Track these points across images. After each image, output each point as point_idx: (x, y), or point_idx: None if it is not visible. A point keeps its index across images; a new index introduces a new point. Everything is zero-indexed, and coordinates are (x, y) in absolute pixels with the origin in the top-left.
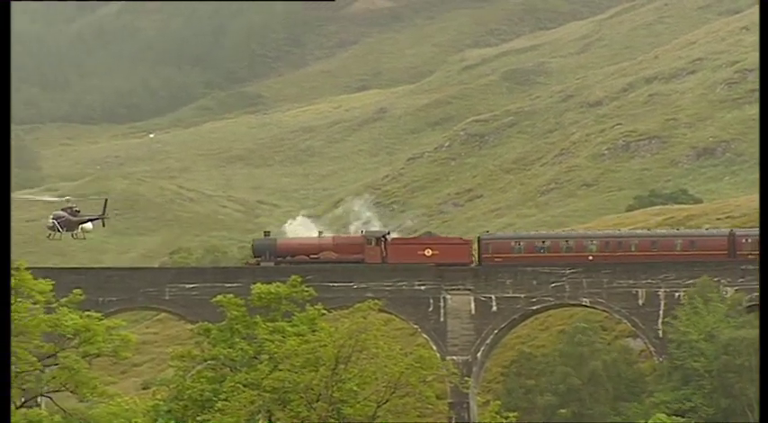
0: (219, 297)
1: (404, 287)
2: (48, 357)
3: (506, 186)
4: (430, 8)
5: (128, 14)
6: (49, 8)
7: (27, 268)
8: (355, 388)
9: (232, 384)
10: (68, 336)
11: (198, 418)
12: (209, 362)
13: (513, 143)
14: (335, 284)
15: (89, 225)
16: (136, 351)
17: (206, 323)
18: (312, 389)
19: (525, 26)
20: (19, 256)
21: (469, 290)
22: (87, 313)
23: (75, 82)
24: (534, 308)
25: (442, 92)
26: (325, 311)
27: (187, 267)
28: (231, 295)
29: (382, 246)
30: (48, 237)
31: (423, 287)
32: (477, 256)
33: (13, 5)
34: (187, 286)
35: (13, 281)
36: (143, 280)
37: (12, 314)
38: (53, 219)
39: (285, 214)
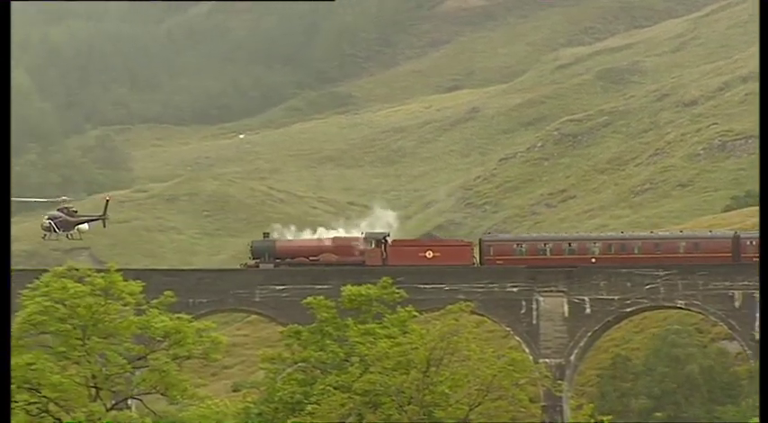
0: (310, 299)
1: (496, 289)
2: (138, 359)
3: (600, 187)
4: (523, 6)
5: (218, 14)
6: (140, 8)
7: (118, 270)
8: (447, 391)
9: (323, 387)
10: (159, 338)
11: (288, 421)
12: (299, 364)
13: (608, 143)
14: (427, 286)
15: (85, 226)
16: (226, 353)
17: (296, 325)
18: (403, 392)
19: (620, 24)
20: (110, 258)
21: (562, 292)
22: (178, 315)
23: (165, 82)
24: (628, 310)
25: (535, 91)
26: (416, 313)
27: (277, 269)
28: (321, 297)
29: (383, 247)
30: (43, 237)
31: (515, 289)
32: (478, 258)
33: (104, 5)
34: (277, 288)
35: (103, 282)
36: (233, 281)
37: (102, 316)
38: (49, 219)
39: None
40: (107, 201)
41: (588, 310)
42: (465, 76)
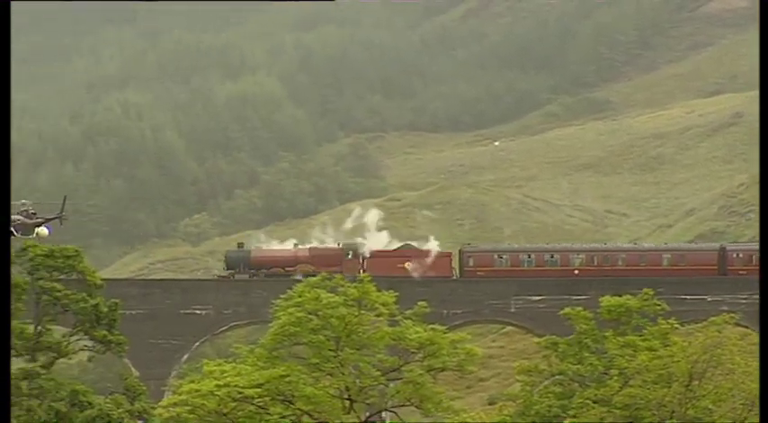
0: (567, 310)
1: None
2: (392, 371)
3: None
4: None
5: (473, 19)
6: (394, 14)
7: (371, 279)
8: (710, 406)
9: (581, 400)
10: (413, 349)
11: None
12: (556, 377)
13: None
14: (689, 297)
15: (44, 229)
16: (481, 365)
17: (554, 337)
18: (665, 406)
19: None
20: None
21: None
22: (432, 326)
23: (419, 89)
24: None
25: None
26: (677, 325)
27: (531, 279)
28: (579, 308)
29: (360, 258)
30: None
31: None
32: (458, 269)
33: (358, 10)
34: (533, 298)
35: (356, 293)
36: (488, 292)
37: (356, 327)
38: None
39: (634, 224)
40: (65, 197)
41: None
42: (728, 79)
